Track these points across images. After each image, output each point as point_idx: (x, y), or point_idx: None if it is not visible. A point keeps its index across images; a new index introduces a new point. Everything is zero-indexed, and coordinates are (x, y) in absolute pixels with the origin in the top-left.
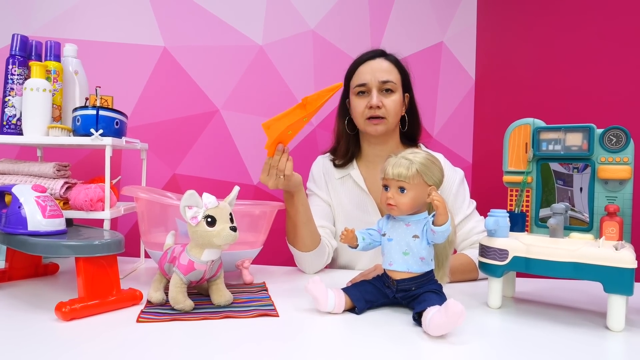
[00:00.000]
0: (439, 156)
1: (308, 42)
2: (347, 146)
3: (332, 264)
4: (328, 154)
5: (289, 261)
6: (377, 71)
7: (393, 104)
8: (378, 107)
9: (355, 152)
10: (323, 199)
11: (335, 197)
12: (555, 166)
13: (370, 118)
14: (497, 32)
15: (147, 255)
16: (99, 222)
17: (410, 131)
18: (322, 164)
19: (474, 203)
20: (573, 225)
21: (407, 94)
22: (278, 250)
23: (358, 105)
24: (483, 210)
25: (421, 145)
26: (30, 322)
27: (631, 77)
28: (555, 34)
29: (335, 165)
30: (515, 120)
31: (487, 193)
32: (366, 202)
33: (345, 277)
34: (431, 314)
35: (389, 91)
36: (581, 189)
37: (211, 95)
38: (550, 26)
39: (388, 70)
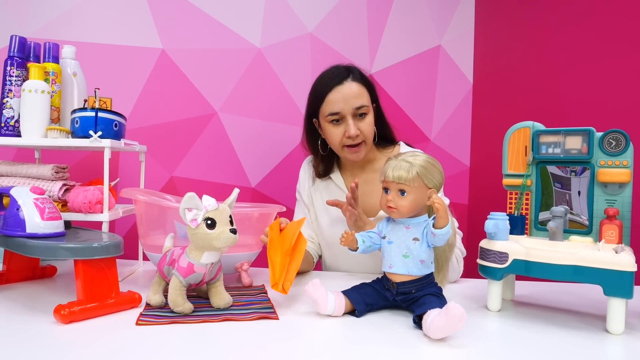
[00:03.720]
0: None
1: (306, 45)
2: (323, 162)
3: (330, 268)
4: (313, 157)
5: None
6: (349, 98)
7: (369, 127)
8: (357, 135)
9: (332, 165)
10: (307, 205)
11: (319, 197)
12: (552, 169)
13: (348, 146)
14: (495, 35)
15: (145, 258)
16: (97, 225)
17: (382, 134)
18: (308, 170)
19: (447, 200)
20: (572, 228)
21: (374, 105)
22: None
23: (335, 135)
24: (481, 213)
25: (401, 142)
26: (28, 325)
27: (630, 80)
28: (553, 37)
29: (317, 176)
30: (515, 124)
31: (484, 196)
32: None
33: (346, 280)
34: (432, 316)
35: (363, 115)
36: (579, 192)
37: (209, 98)
38: (548, 29)
39: (359, 94)
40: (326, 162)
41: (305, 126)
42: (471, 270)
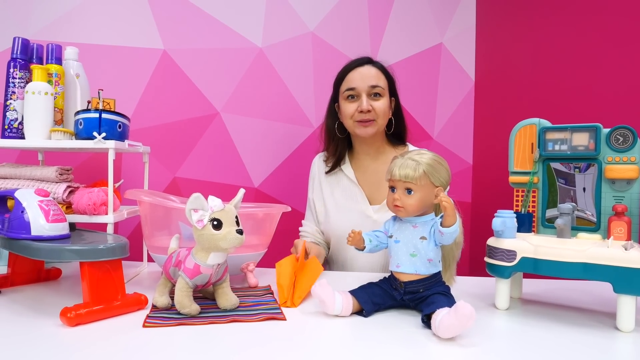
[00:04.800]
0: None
1: (307, 44)
2: (336, 148)
3: (331, 267)
4: (324, 153)
5: None
6: (366, 77)
7: (382, 106)
8: (368, 110)
9: (344, 154)
10: (314, 197)
11: (328, 189)
12: (556, 165)
13: (360, 121)
14: (497, 32)
15: (149, 259)
16: (102, 226)
17: (397, 131)
18: (318, 164)
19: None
20: (579, 225)
21: (392, 98)
22: (283, 252)
23: (348, 109)
24: (486, 211)
25: (408, 144)
26: (34, 328)
27: (636, 76)
28: (556, 34)
29: (328, 168)
30: (517, 121)
31: (487, 194)
32: (356, 192)
33: (353, 280)
34: (441, 316)
35: (378, 95)
36: (584, 188)
37: (211, 98)
38: (550, 26)
39: (376, 76)
40: (339, 150)
41: (328, 111)
42: (478, 268)
